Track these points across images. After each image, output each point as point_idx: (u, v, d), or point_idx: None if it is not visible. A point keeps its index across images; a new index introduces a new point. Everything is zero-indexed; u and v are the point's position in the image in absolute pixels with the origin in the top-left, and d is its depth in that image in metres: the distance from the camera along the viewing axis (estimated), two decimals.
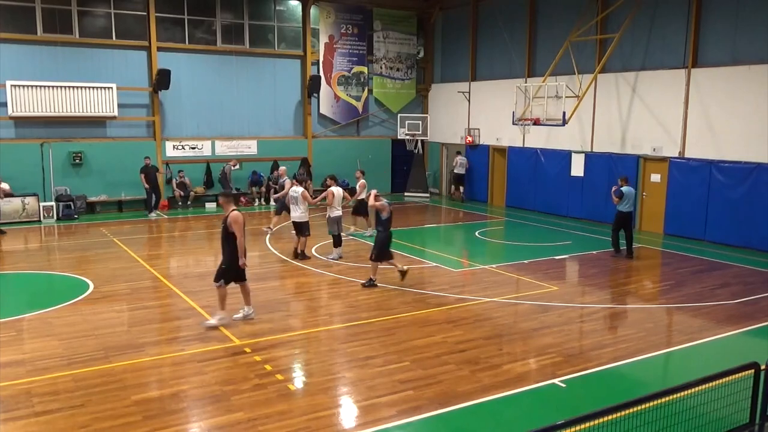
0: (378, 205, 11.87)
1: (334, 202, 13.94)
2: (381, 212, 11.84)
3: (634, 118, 18.36)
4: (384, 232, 11.86)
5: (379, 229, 11.97)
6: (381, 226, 11.91)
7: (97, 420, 6.53)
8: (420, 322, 9.83)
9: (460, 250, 16.20)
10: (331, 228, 14.12)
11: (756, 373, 5.64)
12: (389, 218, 11.93)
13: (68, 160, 19.54)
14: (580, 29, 18.67)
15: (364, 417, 6.72)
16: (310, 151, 23.81)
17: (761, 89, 15.27)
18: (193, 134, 21.80)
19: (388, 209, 11.93)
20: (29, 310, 10.12)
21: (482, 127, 23.60)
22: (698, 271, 13.48)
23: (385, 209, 11.84)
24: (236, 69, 22.19)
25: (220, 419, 6.61)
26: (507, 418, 6.89)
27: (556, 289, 11.84)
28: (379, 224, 11.99)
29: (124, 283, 11.95)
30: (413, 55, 25.71)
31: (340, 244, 14.10)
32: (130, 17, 20.35)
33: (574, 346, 8.94)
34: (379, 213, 11.87)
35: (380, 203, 11.93)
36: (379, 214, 11.88)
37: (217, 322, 9.39)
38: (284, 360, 8.37)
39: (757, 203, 15.40)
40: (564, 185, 20.20)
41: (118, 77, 20.07)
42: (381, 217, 11.87)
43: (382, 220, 11.86)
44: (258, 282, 11.97)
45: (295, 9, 23.23)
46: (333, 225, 14.08)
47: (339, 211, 14.09)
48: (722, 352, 8.92)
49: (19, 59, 18.82)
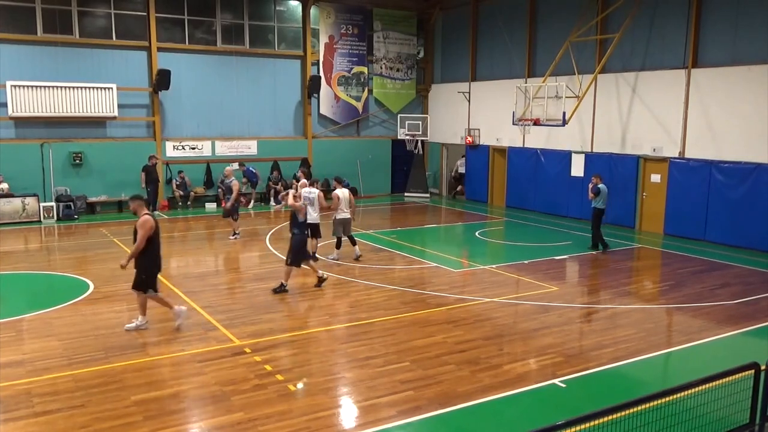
0: (296, 206, 11.49)
1: (340, 204, 13.77)
2: (297, 214, 11.46)
3: (634, 119, 18.36)
4: (300, 235, 11.46)
5: (294, 232, 11.48)
6: (297, 229, 11.46)
7: (97, 420, 6.53)
8: (420, 322, 9.83)
9: (460, 250, 16.20)
10: (336, 230, 13.94)
11: (756, 374, 5.64)
12: (306, 221, 11.60)
13: (68, 160, 19.55)
14: (580, 29, 18.67)
15: (364, 417, 6.73)
16: (310, 152, 23.81)
17: (761, 89, 15.27)
18: (193, 134, 21.81)
19: (305, 211, 11.64)
20: (29, 311, 10.12)
21: (482, 128, 23.61)
22: (698, 271, 13.48)
23: (301, 211, 11.52)
24: (236, 69, 22.20)
25: (220, 419, 6.61)
26: (507, 418, 6.89)
27: (556, 290, 11.84)
28: (295, 226, 11.50)
29: (124, 283, 11.91)
30: (413, 55, 25.71)
31: (339, 246, 13.99)
32: (130, 17, 20.36)
33: (574, 347, 8.94)
34: (296, 214, 11.48)
35: (297, 204, 11.52)
36: (296, 215, 11.48)
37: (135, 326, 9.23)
38: (284, 360, 8.37)
39: (757, 203, 15.40)
40: (564, 185, 20.20)
41: (118, 77, 20.07)
42: (297, 218, 11.46)
43: (299, 223, 11.45)
44: (258, 282, 11.99)
45: (295, 9, 23.23)
46: (338, 227, 13.91)
47: (346, 213, 13.90)
48: (722, 352, 8.92)
49: (19, 59, 18.83)
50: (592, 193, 15.11)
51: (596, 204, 15.11)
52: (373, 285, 11.97)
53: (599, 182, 15.18)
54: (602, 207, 15.16)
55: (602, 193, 15.05)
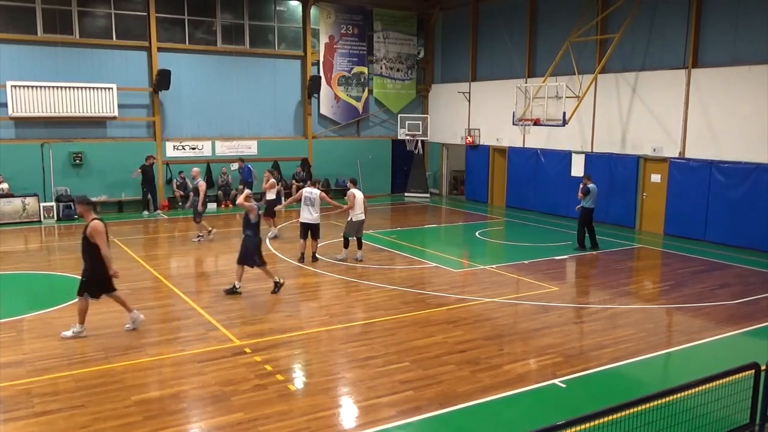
0: (247, 206, 11.13)
1: (355, 204, 13.62)
2: (249, 214, 11.13)
3: (634, 119, 18.37)
4: (254, 236, 11.15)
5: (248, 233, 11.18)
6: (250, 230, 11.15)
7: (97, 420, 6.53)
8: (420, 322, 9.83)
9: (461, 250, 16.20)
10: (349, 231, 13.76)
11: (756, 374, 5.64)
12: (258, 222, 11.27)
13: (68, 160, 19.55)
14: (581, 29, 18.67)
15: (364, 417, 6.73)
16: (310, 152, 23.81)
17: (761, 89, 15.27)
18: (193, 134, 21.81)
19: (257, 212, 11.27)
20: (29, 311, 10.12)
21: (482, 128, 23.61)
22: (698, 271, 13.48)
23: (253, 211, 11.13)
24: (236, 69, 22.20)
25: (220, 419, 6.61)
26: (507, 418, 6.89)
27: (557, 290, 11.84)
28: (247, 227, 11.18)
29: (124, 283, 11.90)
30: (413, 55, 25.72)
31: (347, 246, 13.88)
32: (130, 18, 20.36)
33: (575, 347, 8.94)
34: (248, 215, 11.14)
35: (249, 204, 11.15)
36: (248, 215, 11.14)
37: (72, 335, 8.90)
38: (284, 360, 8.37)
39: (757, 203, 15.40)
40: (564, 185, 20.19)
41: (118, 77, 20.07)
42: (250, 219, 11.14)
43: (251, 224, 11.14)
44: (258, 282, 11.97)
45: (296, 9, 23.23)
46: (352, 228, 13.73)
47: (361, 215, 13.72)
48: (722, 352, 8.92)
49: (20, 59, 18.83)
50: (582, 193, 15.23)
51: (585, 203, 15.24)
52: (374, 285, 11.97)
53: (589, 182, 15.30)
54: (591, 206, 15.27)
55: (591, 193, 15.17)
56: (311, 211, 13.44)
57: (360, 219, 13.71)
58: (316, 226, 13.56)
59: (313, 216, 13.43)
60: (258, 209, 11.38)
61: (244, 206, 11.17)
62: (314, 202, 13.40)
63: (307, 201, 13.46)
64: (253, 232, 11.17)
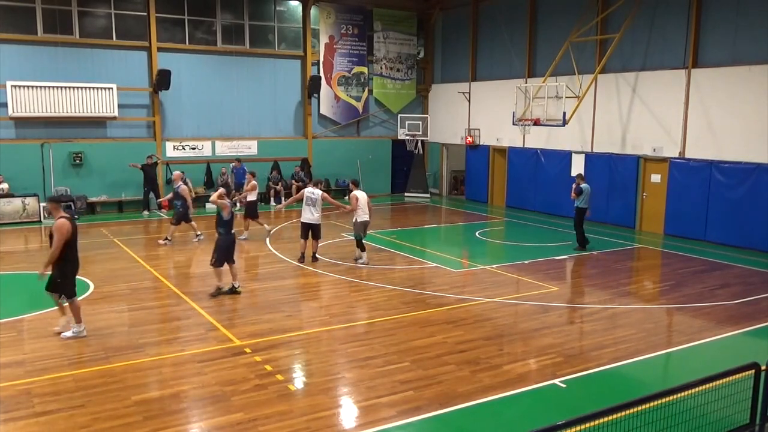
0: (220, 203, 11.04)
1: (359, 205, 13.54)
2: (222, 211, 11.04)
3: (634, 119, 18.37)
4: (226, 235, 11.08)
5: (220, 231, 11.11)
6: (222, 228, 11.08)
7: (97, 420, 6.53)
8: (420, 322, 9.83)
9: (461, 250, 16.19)
10: (357, 232, 13.69)
11: (756, 374, 5.63)
12: (230, 220, 11.16)
13: (68, 160, 19.56)
14: (581, 29, 18.67)
15: (364, 417, 6.73)
16: (310, 152, 23.82)
17: (761, 89, 15.27)
18: (193, 135, 21.81)
19: (230, 209, 11.16)
20: (29, 311, 10.12)
21: (482, 128, 23.61)
22: (698, 271, 13.48)
23: (226, 209, 11.05)
24: (236, 69, 22.20)
25: (220, 419, 6.61)
26: (507, 418, 6.89)
27: (557, 290, 11.84)
28: (220, 225, 11.11)
29: (124, 283, 11.96)
30: (413, 55, 25.72)
31: (364, 248, 13.76)
32: (130, 18, 20.36)
33: (575, 347, 8.94)
34: (221, 212, 11.08)
35: (222, 201, 11.05)
36: (221, 213, 11.08)
37: (73, 335, 8.89)
38: (284, 360, 8.37)
39: (757, 203, 15.40)
40: (564, 185, 20.13)
41: (118, 77, 20.08)
42: (222, 217, 11.06)
43: (224, 221, 11.06)
44: (258, 282, 11.99)
45: (296, 9, 23.24)
46: (358, 229, 13.67)
47: (366, 215, 13.65)
48: (722, 352, 8.92)
49: (20, 60, 18.83)
50: (575, 193, 15.32)
51: (579, 203, 15.33)
52: (373, 285, 11.97)
53: (582, 182, 15.38)
54: (585, 206, 15.33)
55: (585, 193, 15.24)
56: (313, 212, 13.43)
57: (364, 220, 13.63)
58: (317, 226, 13.56)
59: (314, 216, 13.43)
60: (232, 207, 11.26)
61: (217, 203, 11.07)
62: (316, 203, 13.39)
63: (309, 201, 13.44)
64: (225, 230, 11.11)
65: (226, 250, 11.11)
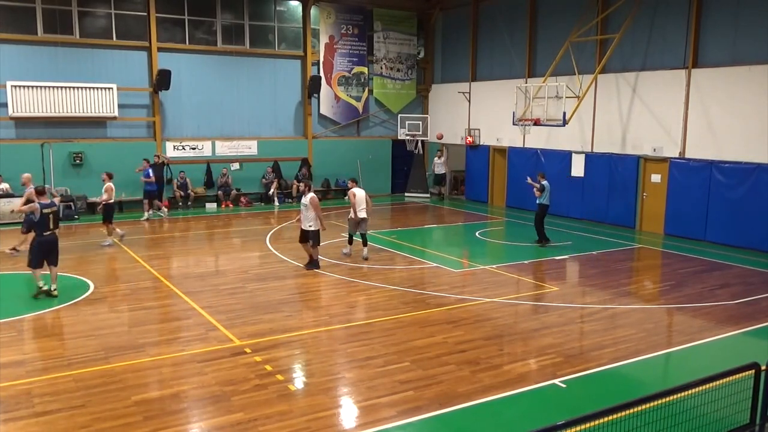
0: (25, 209, 10.93)
1: (356, 202, 13.74)
2: (33, 213, 10.80)
3: (634, 119, 18.36)
4: (40, 236, 10.78)
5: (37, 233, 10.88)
6: (39, 229, 10.79)
7: (97, 420, 6.54)
8: (420, 322, 9.83)
9: (461, 250, 16.19)
10: (350, 228, 14.06)
11: (756, 374, 5.64)
12: (43, 221, 10.77)
13: (69, 160, 19.56)
14: (581, 29, 18.67)
15: (364, 417, 6.73)
16: (310, 152, 23.82)
17: (761, 89, 15.26)
18: (193, 135, 21.81)
19: (40, 210, 10.83)
20: (29, 311, 10.12)
21: (482, 128, 23.60)
22: (698, 271, 13.48)
23: (36, 210, 10.73)
24: (236, 69, 22.20)
25: (220, 420, 6.61)
26: (507, 418, 6.89)
27: (557, 290, 11.84)
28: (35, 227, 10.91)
29: (124, 283, 11.96)
30: (413, 55, 25.71)
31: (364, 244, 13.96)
32: (130, 18, 20.36)
33: (575, 347, 8.94)
34: (30, 216, 10.87)
35: (26, 207, 10.92)
36: (30, 216, 10.88)
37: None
38: (284, 360, 8.37)
39: (757, 203, 15.39)
40: (564, 185, 20.18)
41: (118, 77, 20.07)
42: (33, 218, 10.82)
43: (35, 222, 10.80)
44: (258, 282, 11.99)
45: (296, 9, 23.23)
46: (351, 225, 13.97)
47: (362, 212, 13.78)
48: (722, 352, 8.92)
49: (20, 60, 18.83)
50: (538, 191, 15.66)
51: (541, 200, 15.66)
52: (373, 285, 11.97)
53: (542, 179, 15.73)
54: (547, 203, 15.73)
55: (546, 190, 15.62)
56: (306, 219, 13.04)
57: (360, 216, 13.79)
58: (315, 233, 13.24)
59: (304, 225, 13.01)
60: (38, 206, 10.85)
61: (23, 210, 11.22)
62: (308, 209, 13.08)
63: (303, 207, 13.12)
64: (40, 231, 10.82)
65: (37, 251, 10.81)
